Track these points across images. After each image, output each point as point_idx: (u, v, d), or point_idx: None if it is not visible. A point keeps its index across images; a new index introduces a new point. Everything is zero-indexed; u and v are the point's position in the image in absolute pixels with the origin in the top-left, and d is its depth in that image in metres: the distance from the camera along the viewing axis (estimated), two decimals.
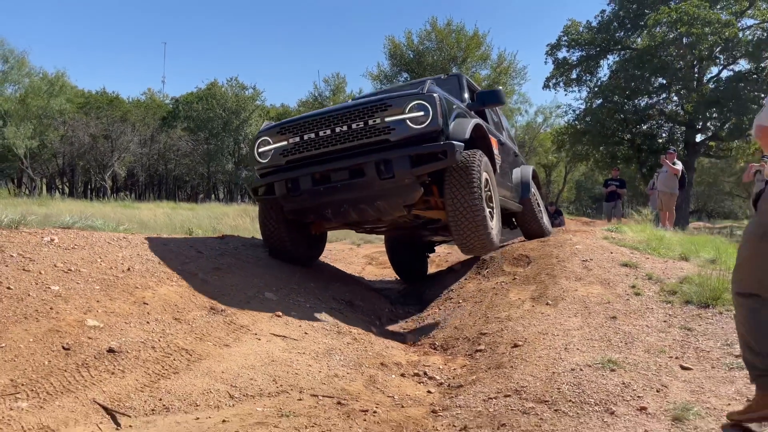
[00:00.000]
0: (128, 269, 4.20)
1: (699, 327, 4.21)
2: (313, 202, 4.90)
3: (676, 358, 3.64)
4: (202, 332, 3.54)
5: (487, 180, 5.09)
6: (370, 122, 4.61)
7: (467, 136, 4.78)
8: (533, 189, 7.66)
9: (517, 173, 7.53)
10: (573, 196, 52.94)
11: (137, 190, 51.20)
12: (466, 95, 6.26)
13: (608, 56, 22.63)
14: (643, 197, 21.74)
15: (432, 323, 5.22)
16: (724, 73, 20.84)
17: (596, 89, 22.02)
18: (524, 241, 7.52)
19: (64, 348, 2.98)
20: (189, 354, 3.21)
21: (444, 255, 10.37)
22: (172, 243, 5.18)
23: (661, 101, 21.07)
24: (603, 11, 22.47)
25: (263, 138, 5.09)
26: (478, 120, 5.34)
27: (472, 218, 4.68)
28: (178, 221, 15.56)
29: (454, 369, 3.81)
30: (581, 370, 3.42)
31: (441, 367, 3.86)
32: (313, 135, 4.78)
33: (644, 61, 18.96)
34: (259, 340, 3.62)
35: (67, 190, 46.40)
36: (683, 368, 3.47)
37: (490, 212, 5.06)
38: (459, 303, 5.61)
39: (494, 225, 5.11)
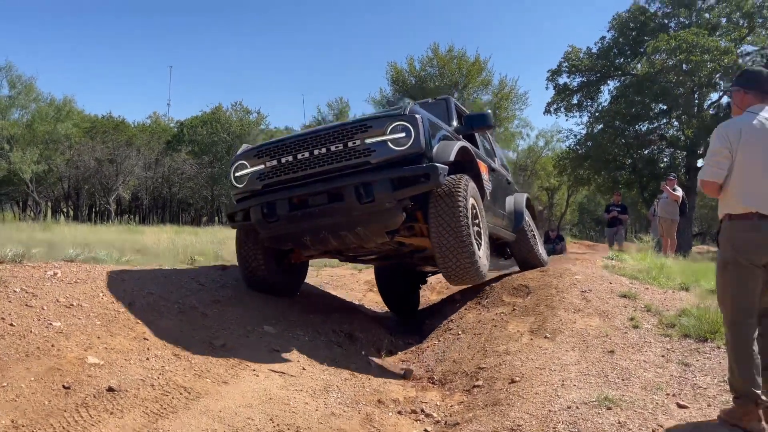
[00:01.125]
0: (130, 303, 4.25)
1: (696, 362, 4.22)
2: (291, 229, 4.72)
3: (673, 395, 3.65)
4: (201, 369, 3.57)
5: (474, 206, 4.94)
6: (350, 144, 4.46)
7: (452, 158, 4.60)
8: (528, 218, 7.55)
9: (510, 201, 7.32)
10: (576, 218, 52.91)
11: (141, 213, 51.41)
12: (455, 119, 6.08)
13: (608, 82, 22.90)
14: (645, 222, 21.72)
15: (431, 356, 5.23)
16: (725, 99, 21.02)
17: (597, 114, 22.22)
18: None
19: (64, 387, 3.02)
20: (187, 392, 3.24)
21: (445, 282, 10.33)
22: (173, 275, 5.23)
23: (662, 126, 21.23)
24: (603, 38, 22.83)
25: (240, 162, 4.94)
26: (465, 143, 5.15)
27: (458, 246, 4.49)
28: (181, 246, 15.60)
29: (452, 406, 3.82)
30: (577, 407, 3.44)
31: (438, 403, 3.87)
32: (291, 158, 4.64)
33: (644, 87, 19.15)
34: (257, 376, 3.65)
35: (72, 213, 46.59)
36: (680, 406, 3.48)
37: (477, 240, 4.91)
38: (458, 335, 5.62)
39: (482, 254, 4.92)
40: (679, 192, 12.55)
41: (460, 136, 5.65)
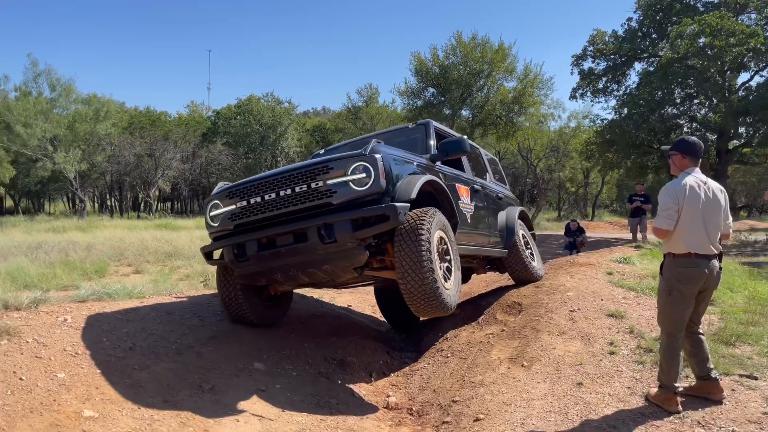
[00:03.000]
0: (130, 348, 4.68)
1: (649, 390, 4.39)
2: (261, 267, 4.92)
3: None
4: (186, 417, 3.96)
5: (442, 238, 5.03)
6: (313, 185, 4.60)
7: (413, 196, 4.67)
8: (521, 231, 7.65)
9: (501, 217, 7.45)
10: (614, 194, 52.02)
11: (181, 203, 52.99)
12: (432, 143, 6.09)
13: (635, 65, 22.37)
14: None
15: (418, 381, 5.52)
16: (756, 80, 20.30)
17: (624, 98, 21.73)
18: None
19: None
20: None
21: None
22: (176, 311, 5.65)
23: (694, 107, 20.63)
24: (629, 19, 22.19)
25: (214, 202, 5.13)
26: (430, 177, 5.13)
27: (420, 281, 4.54)
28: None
29: None
30: None
31: None
32: (259, 198, 4.81)
33: (669, 73, 18.63)
34: (237, 422, 4.02)
35: (117, 206, 48.45)
36: None
37: (446, 271, 5.02)
38: (447, 357, 5.89)
39: (450, 285, 4.99)
40: None
41: (437, 163, 5.78)
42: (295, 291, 7.73)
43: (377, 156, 4.57)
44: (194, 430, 3.84)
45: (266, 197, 4.77)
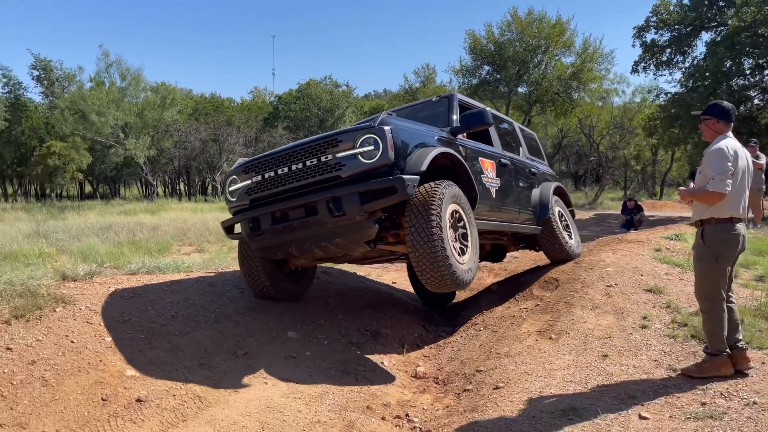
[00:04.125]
0: (172, 316, 5.02)
1: (686, 366, 4.35)
2: (276, 241, 5.01)
3: (641, 405, 3.86)
4: (220, 378, 4.25)
5: (456, 212, 4.93)
6: (323, 159, 4.62)
7: (423, 168, 4.59)
8: (557, 208, 7.46)
9: (535, 193, 7.26)
10: (686, 172, 49.78)
11: None
12: (455, 117, 5.90)
13: (702, 35, 21.18)
14: None
15: (449, 353, 5.64)
16: None
17: (690, 70, 20.69)
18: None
19: (102, 399, 3.78)
20: (201, 401, 3.92)
21: (503, 265, 10.48)
22: (218, 283, 5.98)
23: (766, 78, 19.40)
24: None
25: (232, 177, 5.25)
26: (444, 149, 5.02)
27: (431, 255, 4.46)
28: None
29: (437, 410, 4.26)
30: (541, 417, 3.76)
31: (426, 407, 4.32)
32: (272, 173, 4.87)
33: (736, 42, 17.57)
34: (266, 384, 4.28)
35: (186, 190, 50.46)
36: (641, 418, 3.70)
37: (461, 247, 4.93)
38: (479, 330, 5.98)
39: (466, 260, 4.88)
40: (763, 159, 11.79)
41: (458, 137, 5.67)
42: (336, 266, 7.97)
43: (386, 128, 4.52)
44: (225, 390, 4.11)
45: (279, 171, 4.84)
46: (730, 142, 4.06)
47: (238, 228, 5.51)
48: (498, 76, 27.00)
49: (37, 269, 5.59)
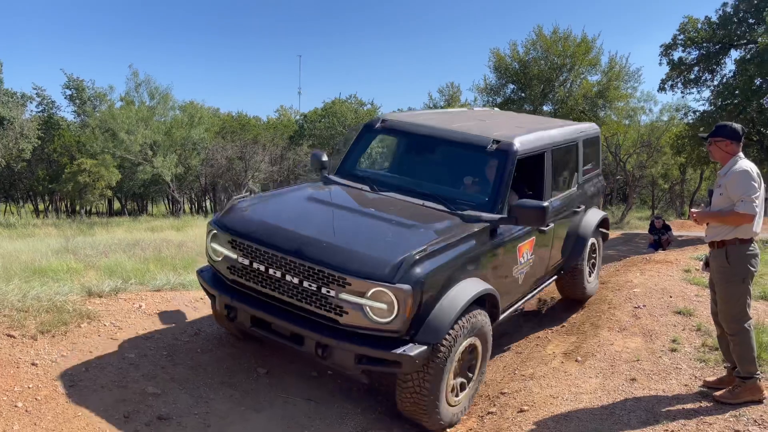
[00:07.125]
0: (196, 333, 5.04)
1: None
2: (251, 333, 4.40)
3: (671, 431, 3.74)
4: (239, 398, 4.24)
5: (471, 345, 4.23)
6: (323, 291, 3.75)
7: (440, 339, 3.80)
8: (592, 241, 6.50)
9: (572, 235, 6.17)
10: None
11: None
12: (505, 187, 4.74)
13: (731, 52, 20.86)
14: None
15: None
16: None
17: (719, 88, 20.37)
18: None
19: (124, 416, 3.79)
20: (223, 420, 3.91)
21: None
22: None
23: None
24: (724, 4, 20.62)
25: (214, 232, 4.29)
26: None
27: (418, 404, 3.98)
28: None
29: None
30: None
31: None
32: (262, 268, 3.99)
33: (765, 60, 17.27)
34: (286, 403, 4.25)
35: (212, 207, 51.11)
36: None
37: (462, 382, 4.30)
38: (504, 351, 5.87)
39: (460, 399, 4.31)
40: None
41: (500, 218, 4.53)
42: None
43: (405, 289, 3.60)
44: (246, 409, 4.09)
45: (270, 271, 3.96)
46: (751, 165, 4.05)
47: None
48: (523, 94, 26.95)
49: (63, 285, 5.66)
